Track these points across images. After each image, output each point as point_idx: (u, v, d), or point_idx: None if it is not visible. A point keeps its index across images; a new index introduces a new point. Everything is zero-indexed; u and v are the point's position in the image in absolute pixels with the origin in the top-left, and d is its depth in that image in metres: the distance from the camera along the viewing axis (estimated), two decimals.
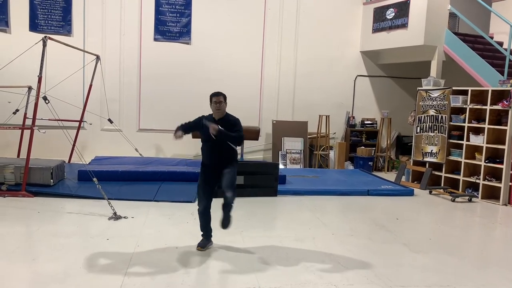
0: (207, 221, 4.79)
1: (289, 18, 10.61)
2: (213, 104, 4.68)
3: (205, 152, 4.76)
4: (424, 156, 8.89)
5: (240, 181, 6.84)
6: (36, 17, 9.52)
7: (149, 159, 9.16)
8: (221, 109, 4.67)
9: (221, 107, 4.67)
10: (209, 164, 4.72)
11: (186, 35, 10.16)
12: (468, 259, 4.95)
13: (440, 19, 9.27)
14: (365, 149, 10.64)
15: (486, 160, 7.81)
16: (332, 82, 11.02)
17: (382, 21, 10.19)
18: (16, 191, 6.66)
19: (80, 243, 4.88)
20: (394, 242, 5.37)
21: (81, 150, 8.25)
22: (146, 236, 5.12)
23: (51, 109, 6.66)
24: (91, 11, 9.75)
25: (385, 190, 8.00)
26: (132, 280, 3.94)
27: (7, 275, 3.97)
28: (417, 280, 4.23)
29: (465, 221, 6.82)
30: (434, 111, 8.75)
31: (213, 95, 4.71)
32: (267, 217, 6.40)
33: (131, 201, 6.61)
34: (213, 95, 4.70)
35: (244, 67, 10.47)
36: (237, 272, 4.27)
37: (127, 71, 10.02)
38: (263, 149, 10.78)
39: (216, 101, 4.65)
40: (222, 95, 4.69)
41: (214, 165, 4.68)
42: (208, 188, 4.71)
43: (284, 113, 10.83)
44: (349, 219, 6.39)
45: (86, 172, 6.56)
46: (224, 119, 4.70)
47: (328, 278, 4.14)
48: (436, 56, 9.33)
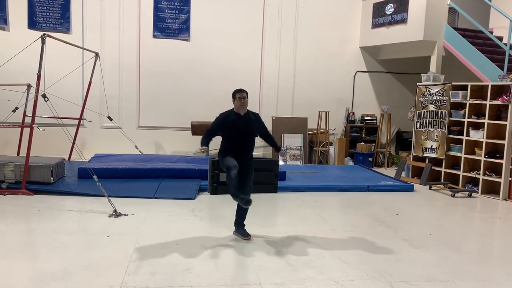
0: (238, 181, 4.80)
1: (288, 14, 10.60)
2: (237, 100, 4.88)
3: (230, 147, 4.89)
4: (424, 151, 8.89)
5: None
6: (34, 14, 9.50)
7: (149, 156, 9.15)
8: (245, 105, 4.91)
9: (245, 102, 4.90)
10: (238, 156, 4.84)
11: (185, 31, 10.15)
12: (469, 254, 4.96)
13: (440, 14, 9.26)
14: (365, 145, 10.64)
15: (486, 155, 7.81)
16: (332, 78, 11.01)
17: (382, 16, 10.17)
18: (16, 189, 6.66)
19: (81, 240, 4.88)
20: (395, 237, 5.38)
21: (81, 148, 8.26)
22: (147, 233, 5.13)
23: (50, 107, 6.66)
24: (89, 8, 9.73)
25: (385, 185, 8.01)
26: (132, 277, 3.94)
27: (8, 273, 3.97)
28: (417, 275, 4.23)
29: (465, 216, 6.82)
30: (433, 106, 8.74)
31: (237, 91, 4.92)
32: (267, 214, 6.40)
33: (131, 198, 6.61)
34: (237, 91, 4.91)
35: (243, 63, 10.46)
36: (238, 268, 4.28)
37: (126, 68, 10.01)
38: (263, 146, 10.74)
39: (240, 97, 4.87)
40: (245, 91, 4.93)
41: (241, 158, 4.86)
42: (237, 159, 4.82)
43: (284, 109, 10.82)
44: (349, 215, 6.40)
45: (86, 169, 6.56)
46: (249, 114, 4.97)
47: (329, 274, 4.15)
48: (436, 51, 9.32)
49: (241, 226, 5.12)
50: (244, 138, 4.92)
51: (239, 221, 5.12)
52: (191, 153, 9.93)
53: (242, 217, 5.12)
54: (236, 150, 4.89)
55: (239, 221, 5.12)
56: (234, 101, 4.93)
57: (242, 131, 4.88)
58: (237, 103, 4.90)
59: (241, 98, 4.87)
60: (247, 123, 4.92)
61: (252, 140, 5.02)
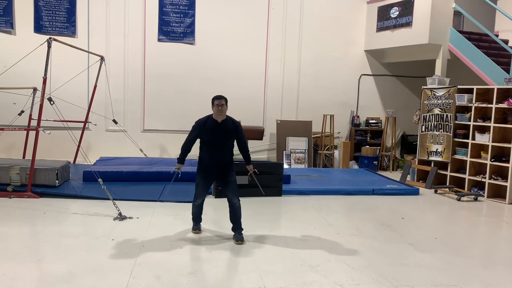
0: (200, 211, 5.28)
1: (293, 18, 10.60)
2: (215, 106, 4.94)
3: (207, 152, 5.02)
4: (429, 155, 8.85)
5: (244, 181, 6.84)
6: (40, 18, 9.56)
7: (154, 159, 9.17)
8: (223, 112, 4.94)
9: (223, 110, 4.93)
10: (211, 164, 5.01)
11: (190, 35, 10.17)
12: (475, 258, 4.92)
13: (445, 17, 9.23)
14: (370, 148, 10.61)
15: (492, 159, 7.77)
16: (337, 81, 11.00)
17: (386, 19, 10.16)
18: (22, 192, 6.68)
19: (86, 243, 4.89)
20: (400, 241, 5.35)
21: (86, 151, 8.29)
22: (151, 236, 5.13)
23: (56, 110, 6.69)
24: (95, 12, 9.77)
25: (390, 189, 7.98)
26: (137, 280, 3.94)
27: (14, 275, 3.98)
28: (423, 279, 4.20)
29: (471, 220, 6.78)
30: (439, 109, 8.71)
31: (215, 98, 4.97)
32: (272, 217, 6.39)
33: (136, 201, 6.62)
34: (215, 98, 4.96)
35: (248, 66, 10.47)
36: (242, 272, 4.26)
37: (131, 71, 10.04)
38: (267, 149, 10.78)
39: (218, 104, 4.92)
40: (224, 98, 4.96)
41: (217, 165, 5.01)
42: (208, 186, 5.23)
43: (288, 113, 10.82)
44: (354, 218, 6.37)
45: (91, 172, 6.58)
46: (227, 121, 4.99)
47: (334, 278, 4.13)
48: (441, 54, 9.29)
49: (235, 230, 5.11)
50: (220, 145, 4.97)
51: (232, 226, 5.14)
52: (195, 156, 9.89)
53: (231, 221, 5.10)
54: (210, 158, 4.99)
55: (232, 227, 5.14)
56: (212, 107, 4.97)
57: (218, 137, 4.95)
58: (214, 110, 4.96)
59: (219, 105, 4.91)
60: (224, 130, 4.96)
61: (228, 147, 5.03)
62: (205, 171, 5.06)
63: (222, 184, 5.16)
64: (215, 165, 5.00)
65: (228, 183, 5.03)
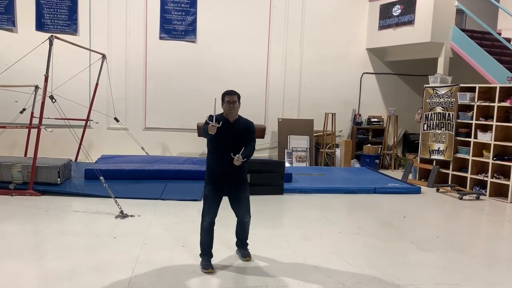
0: (211, 238, 4.24)
1: (294, 16, 10.58)
2: (225, 104, 4.14)
3: (216, 161, 4.19)
4: (431, 153, 8.83)
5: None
6: (42, 16, 9.55)
7: (155, 157, 9.17)
8: (235, 110, 4.15)
9: (235, 107, 4.14)
10: (221, 173, 4.17)
11: (191, 33, 10.16)
12: (477, 257, 4.92)
13: (447, 15, 9.21)
14: (371, 147, 10.60)
15: (494, 158, 7.75)
16: (338, 80, 10.98)
17: (389, 18, 10.13)
18: (24, 189, 6.69)
19: (87, 241, 4.89)
20: (402, 240, 5.35)
21: (87, 149, 8.28)
22: (153, 235, 5.13)
23: (57, 108, 6.69)
24: (97, 10, 9.77)
25: (392, 188, 7.97)
26: (139, 278, 3.94)
27: (16, 273, 3.98)
28: (425, 278, 4.20)
29: (473, 219, 6.78)
30: (441, 108, 8.69)
31: (226, 93, 4.18)
32: (273, 216, 6.39)
33: (137, 199, 6.62)
34: (226, 94, 4.17)
35: (249, 65, 10.45)
36: (244, 271, 4.26)
37: (133, 69, 10.04)
38: (269, 147, 10.76)
39: (230, 100, 4.13)
40: (236, 94, 4.17)
41: (227, 175, 4.17)
42: (218, 200, 4.23)
43: (290, 111, 10.81)
44: (356, 217, 6.37)
45: (92, 170, 6.58)
46: (239, 121, 4.22)
47: (336, 277, 4.12)
48: (443, 53, 9.27)
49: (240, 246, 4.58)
50: (232, 150, 4.05)
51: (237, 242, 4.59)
52: (197, 154, 9.94)
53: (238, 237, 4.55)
54: (220, 167, 4.15)
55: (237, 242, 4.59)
56: (222, 105, 4.17)
57: (229, 141, 4.08)
58: (225, 107, 4.15)
59: (230, 102, 4.11)
60: (236, 132, 4.16)
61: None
62: (214, 181, 4.20)
63: (233, 201, 4.30)
64: (225, 175, 4.16)
65: (240, 200, 4.28)
